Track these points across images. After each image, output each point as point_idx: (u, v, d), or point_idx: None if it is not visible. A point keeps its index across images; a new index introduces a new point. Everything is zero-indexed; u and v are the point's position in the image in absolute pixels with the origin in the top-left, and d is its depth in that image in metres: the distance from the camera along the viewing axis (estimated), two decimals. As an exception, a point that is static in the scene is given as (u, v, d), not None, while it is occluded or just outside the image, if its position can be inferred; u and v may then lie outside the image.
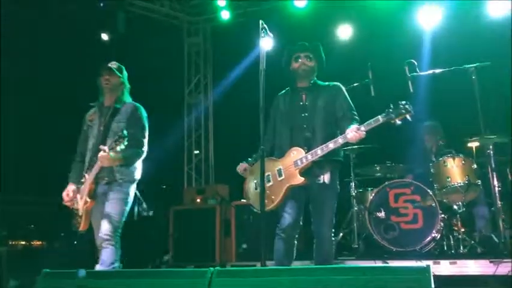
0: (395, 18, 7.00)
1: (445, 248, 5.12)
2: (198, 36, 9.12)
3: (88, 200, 3.88)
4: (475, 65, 4.92)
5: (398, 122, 3.39)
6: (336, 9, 7.55)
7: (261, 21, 3.30)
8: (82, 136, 4.14)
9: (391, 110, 3.39)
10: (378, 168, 5.94)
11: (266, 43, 3.45)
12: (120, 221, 3.88)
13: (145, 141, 4.04)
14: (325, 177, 3.63)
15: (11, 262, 4.79)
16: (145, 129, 4.07)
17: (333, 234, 3.69)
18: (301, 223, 3.73)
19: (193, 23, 9.11)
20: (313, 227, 3.67)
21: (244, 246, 6.27)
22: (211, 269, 2.56)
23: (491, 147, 4.85)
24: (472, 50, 5.76)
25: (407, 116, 3.38)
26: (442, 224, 5.07)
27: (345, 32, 7.50)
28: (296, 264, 3.85)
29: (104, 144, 3.77)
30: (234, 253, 6.37)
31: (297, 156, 3.62)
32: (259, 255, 3.25)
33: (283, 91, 4.05)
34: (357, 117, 3.73)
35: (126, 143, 3.64)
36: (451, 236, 5.11)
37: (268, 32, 3.33)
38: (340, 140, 3.52)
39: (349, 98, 3.86)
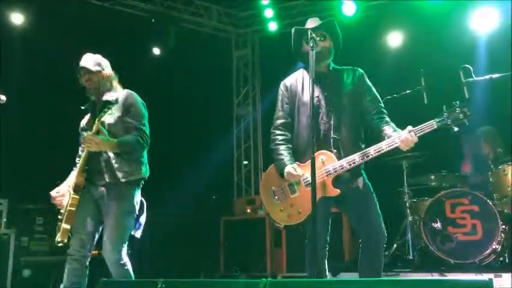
0: (448, 23, 6.81)
1: (507, 260, 4.90)
2: (246, 48, 9.20)
3: (72, 194, 3.27)
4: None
5: (455, 128, 2.98)
6: (385, 16, 7.44)
7: (309, 31, 3.21)
8: (81, 145, 3.59)
9: (445, 115, 2.97)
10: (432, 177, 5.76)
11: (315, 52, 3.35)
12: (126, 236, 3.34)
13: (147, 130, 3.46)
14: (359, 182, 3.20)
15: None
16: (144, 117, 3.49)
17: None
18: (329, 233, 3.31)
19: (241, 35, 9.22)
20: (360, 229, 3.22)
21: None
22: (264, 280, 2.55)
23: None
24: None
25: (465, 121, 2.98)
26: (503, 235, 4.86)
27: (395, 39, 7.37)
28: (344, 277, 3.75)
29: None
30: (284, 264, 6.34)
31: (328, 162, 3.11)
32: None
33: (294, 75, 3.44)
34: (385, 111, 3.28)
35: (114, 111, 3.23)
36: (513, 248, 4.89)
37: (316, 41, 3.10)
38: (384, 147, 3.03)
39: (372, 86, 3.35)
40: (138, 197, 3.45)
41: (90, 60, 3.50)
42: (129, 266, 3.32)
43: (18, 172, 6.81)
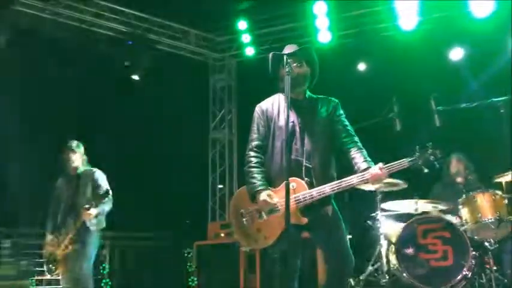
0: (420, 52, 7.00)
1: (477, 286, 4.95)
2: (223, 72, 9.27)
3: (69, 246, 4.62)
4: (503, 98, 4.80)
5: (425, 169, 3.00)
6: (360, 44, 7.62)
7: (285, 57, 3.24)
8: (54, 199, 4.90)
9: (417, 155, 3.01)
10: (405, 203, 5.81)
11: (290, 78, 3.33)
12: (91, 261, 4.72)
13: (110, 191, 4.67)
14: (328, 210, 3.18)
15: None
16: (106, 184, 4.81)
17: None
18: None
19: (219, 59, 9.29)
20: (327, 255, 3.21)
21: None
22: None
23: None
24: (500, 82, 5.70)
25: (436, 163, 3.00)
26: (473, 261, 4.90)
27: (368, 67, 7.55)
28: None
29: (75, 204, 4.64)
30: (258, 289, 6.27)
31: (298, 190, 3.10)
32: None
33: (270, 99, 3.45)
34: (355, 135, 3.30)
35: (109, 197, 4.51)
36: (483, 274, 4.94)
37: (292, 67, 3.10)
38: (354, 180, 3.06)
39: (344, 115, 3.37)
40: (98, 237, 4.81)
41: (75, 143, 4.87)
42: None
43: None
